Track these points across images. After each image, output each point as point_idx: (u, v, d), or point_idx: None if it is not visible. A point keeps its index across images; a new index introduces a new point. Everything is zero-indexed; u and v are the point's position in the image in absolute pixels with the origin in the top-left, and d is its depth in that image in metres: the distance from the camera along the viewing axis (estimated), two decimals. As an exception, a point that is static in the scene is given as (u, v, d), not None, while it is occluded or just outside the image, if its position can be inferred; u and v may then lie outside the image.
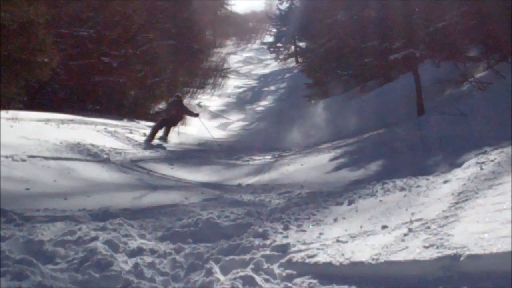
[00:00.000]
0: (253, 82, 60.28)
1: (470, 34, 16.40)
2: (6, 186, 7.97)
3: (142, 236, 6.03)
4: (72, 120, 18.74)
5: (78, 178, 10.12)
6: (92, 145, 13.96)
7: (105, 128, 18.06)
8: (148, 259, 5.25)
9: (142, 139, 17.98)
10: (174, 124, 20.00)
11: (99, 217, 6.68)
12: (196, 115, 20.61)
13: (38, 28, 20.38)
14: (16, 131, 13.43)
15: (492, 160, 7.12)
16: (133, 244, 5.65)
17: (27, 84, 21.42)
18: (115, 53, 30.31)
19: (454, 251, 4.16)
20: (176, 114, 19.49)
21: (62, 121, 17.42)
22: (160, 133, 18.78)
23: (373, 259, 4.51)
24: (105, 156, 13.24)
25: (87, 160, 12.21)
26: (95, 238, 5.57)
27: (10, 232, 5.60)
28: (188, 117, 23.99)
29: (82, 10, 28.94)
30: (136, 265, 4.99)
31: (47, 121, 16.77)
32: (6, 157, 9.90)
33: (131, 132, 19.61)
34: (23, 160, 10.04)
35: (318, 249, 5.13)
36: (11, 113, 16.44)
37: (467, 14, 16.16)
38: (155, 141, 18.16)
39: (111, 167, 12.06)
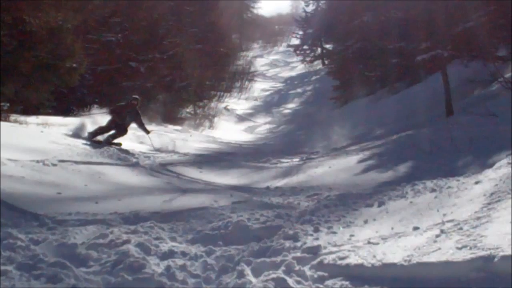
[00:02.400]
0: (279, 85, 60.33)
1: (499, 33, 16.26)
2: (38, 191, 8.06)
3: (173, 239, 6.05)
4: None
5: (108, 182, 10.20)
6: (121, 149, 14.06)
7: (134, 133, 18.15)
8: (180, 261, 5.25)
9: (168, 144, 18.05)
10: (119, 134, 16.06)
11: (130, 221, 6.72)
12: (148, 132, 16.92)
13: (67, 33, 20.55)
14: (47, 136, 13.58)
15: (523, 160, 7.04)
16: (165, 247, 5.67)
17: (56, 89, 21.62)
18: (142, 58, 30.55)
19: (488, 252, 4.12)
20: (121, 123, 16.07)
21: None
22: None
23: (405, 261, 4.49)
24: (134, 160, 13.33)
25: (117, 164, 12.30)
26: (127, 241, 5.60)
27: (43, 235, 5.67)
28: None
29: (110, 15, 29.16)
30: (168, 268, 5.01)
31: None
32: (37, 161, 10.02)
33: (159, 137, 19.69)
34: (54, 165, 10.15)
35: (349, 251, 5.11)
36: (41, 118, 16.62)
37: (495, 13, 16.03)
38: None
39: (141, 171, 12.15)
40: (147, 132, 16.80)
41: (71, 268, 4.73)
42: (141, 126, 16.73)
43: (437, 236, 4.88)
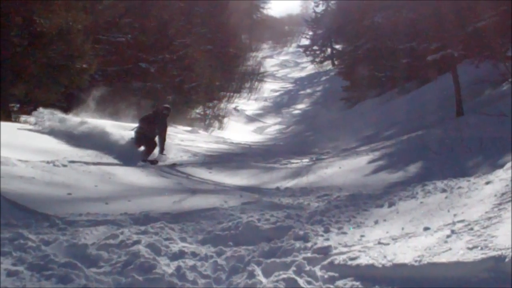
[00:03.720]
0: (289, 86, 60.30)
1: (509, 33, 16.20)
2: (48, 191, 8.10)
3: (183, 240, 6.06)
4: (111, 126, 18.90)
5: (118, 182, 10.24)
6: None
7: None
8: (190, 262, 5.27)
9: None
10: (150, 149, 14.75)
11: (140, 221, 6.74)
12: (162, 151, 14.98)
13: (77, 34, 20.63)
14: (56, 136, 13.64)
15: (535, 161, 7.02)
16: (175, 247, 5.69)
17: (66, 90, 21.69)
18: (152, 59, 30.59)
19: (499, 252, 4.11)
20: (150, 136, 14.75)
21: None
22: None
23: (415, 261, 4.48)
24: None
25: (127, 165, 12.32)
26: (137, 242, 5.62)
27: (54, 236, 5.69)
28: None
29: (120, 16, 29.21)
30: (178, 268, 5.03)
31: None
32: (48, 162, 10.07)
33: (169, 137, 19.71)
34: (64, 166, 10.19)
35: (359, 251, 5.11)
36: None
37: (505, 13, 15.97)
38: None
39: (151, 172, 12.17)
40: (162, 150, 14.89)
41: (82, 268, 4.76)
42: (163, 141, 15.01)
43: (448, 236, 4.87)
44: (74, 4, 20.91)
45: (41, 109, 15.78)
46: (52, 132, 14.46)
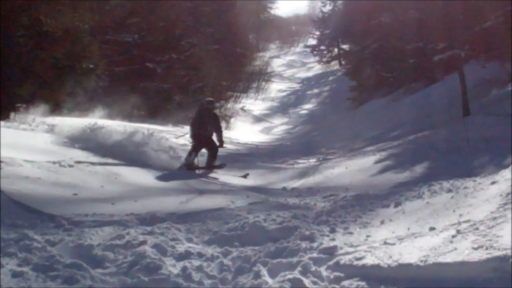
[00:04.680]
0: (296, 86, 60.21)
1: (515, 33, 16.19)
2: (54, 192, 8.12)
3: (189, 240, 6.08)
4: (118, 126, 18.95)
5: (124, 183, 10.25)
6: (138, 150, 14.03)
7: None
8: (196, 262, 5.28)
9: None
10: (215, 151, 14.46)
11: (146, 222, 6.76)
12: (222, 144, 14.56)
13: (83, 34, 20.64)
14: (63, 137, 13.66)
15: (541, 161, 7.02)
16: (181, 248, 5.70)
17: (73, 90, 21.70)
18: (159, 59, 30.63)
19: (504, 252, 4.12)
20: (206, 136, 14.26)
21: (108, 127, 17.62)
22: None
23: (421, 261, 4.49)
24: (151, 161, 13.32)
25: (133, 165, 12.34)
26: (143, 242, 5.64)
27: (60, 236, 5.72)
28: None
29: (127, 16, 29.25)
30: (184, 269, 5.04)
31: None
32: (54, 163, 10.09)
33: (176, 137, 19.74)
34: (71, 166, 10.21)
35: (365, 251, 5.12)
36: (58, 119, 16.70)
37: (512, 13, 15.97)
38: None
39: (157, 172, 12.17)
40: (222, 143, 14.46)
41: (88, 269, 4.78)
42: (220, 133, 14.43)
43: (453, 236, 4.88)
44: (81, 4, 20.90)
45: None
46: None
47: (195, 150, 14.02)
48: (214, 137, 14.38)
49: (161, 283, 4.71)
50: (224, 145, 14.66)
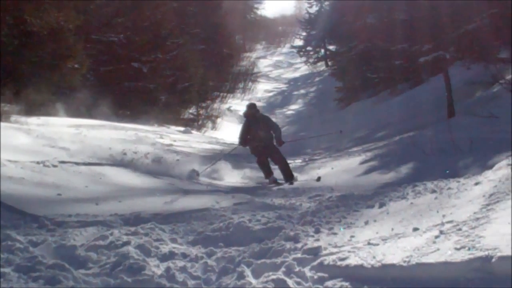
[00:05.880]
0: (283, 86, 60.40)
1: (500, 35, 16.29)
2: (38, 192, 8.08)
3: (173, 241, 6.05)
4: (102, 126, 18.92)
5: (109, 183, 10.21)
6: (123, 150, 14.03)
7: (136, 133, 18.19)
8: (180, 263, 5.26)
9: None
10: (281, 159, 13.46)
11: (130, 222, 6.72)
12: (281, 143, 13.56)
13: (68, 34, 20.60)
14: (47, 137, 13.60)
15: (523, 162, 7.05)
16: (165, 248, 5.68)
17: (58, 90, 21.63)
18: (145, 59, 30.58)
19: (486, 253, 4.13)
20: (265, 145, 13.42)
21: (93, 127, 17.59)
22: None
23: (404, 262, 4.50)
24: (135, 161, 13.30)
25: (118, 166, 12.31)
26: (127, 243, 5.61)
27: (43, 237, 5.68)
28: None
29: (112, 15, 29.17)
30: (168, 269, 5.01)
31: (78, 126, 16.94)
32: (38, 163, 10.04)
33: (161, 137, 19.71)
34: (55, 166, 10.16)
35: (349, 252, 5.12)
36: (42, 119, 16.64)
37: (496, 15, 16.06)
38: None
39: (142, 172, 12.15)
40: (281, 142, 13.51)
41: (70, 270, 4.74)
42: (278, 130, 13.78)
43: (436, 237, 4.89)
44: (65, 4, 20.87)
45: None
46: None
47: (261, 164, 13.34)
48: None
49: (145, 284, 4.68)
50: (283, 142, 13.61)
